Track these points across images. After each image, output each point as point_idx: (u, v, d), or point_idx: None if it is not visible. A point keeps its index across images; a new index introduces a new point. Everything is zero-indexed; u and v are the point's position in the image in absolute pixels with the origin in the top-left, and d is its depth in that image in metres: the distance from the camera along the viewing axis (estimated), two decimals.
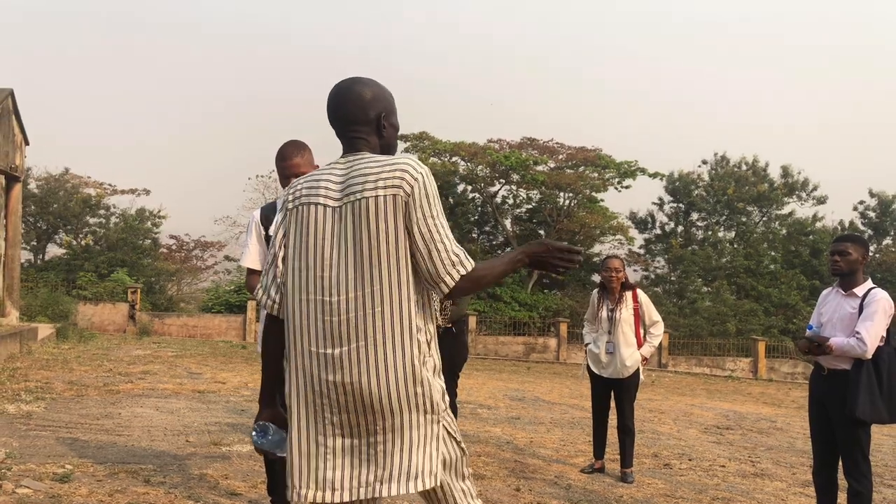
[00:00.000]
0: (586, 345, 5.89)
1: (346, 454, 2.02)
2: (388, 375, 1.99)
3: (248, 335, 21.97)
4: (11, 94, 14.56)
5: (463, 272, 2.03)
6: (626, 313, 5.67)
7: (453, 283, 2.03)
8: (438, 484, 2.06)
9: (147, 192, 28.83)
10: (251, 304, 22.06)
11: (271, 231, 3.78)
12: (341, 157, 2.16)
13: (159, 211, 28.46)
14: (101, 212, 28.03)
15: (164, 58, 72.17)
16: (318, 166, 3.72)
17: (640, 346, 5.68)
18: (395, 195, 1.99)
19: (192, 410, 7.25)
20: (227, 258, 30.23)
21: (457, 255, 2.04)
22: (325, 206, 2.05)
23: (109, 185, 28.54)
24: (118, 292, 22.73)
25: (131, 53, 71.79)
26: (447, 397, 2.13)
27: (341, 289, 2.01)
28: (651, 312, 5.78)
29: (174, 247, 30.42)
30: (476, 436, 7.03)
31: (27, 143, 15.97)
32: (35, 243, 27.20)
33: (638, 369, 5.70)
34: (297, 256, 2.08)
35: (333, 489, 2.01)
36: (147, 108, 67.06)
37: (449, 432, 2.11)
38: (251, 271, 3.78)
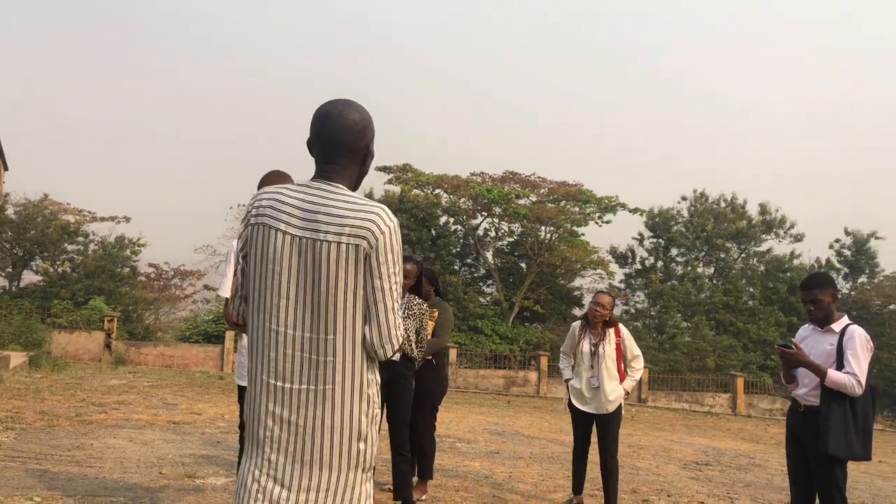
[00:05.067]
0: (567, 380, 5.82)
1: (276, 502, 1.96)
2: (334, 430, 1.95)
3: (225, 366, 21.68)
4: None
5: (401, 341, 2.03)
6: (609, 348, 5.61)
7: (392, 351, 2.01)
8: None
9: (127, 219, 28.63)
10: (229, 335, 21.82)
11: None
12: (312, 179, 2.05)
13: (139, 239, 28.23)
14: (80, 239, 27.72)
15: (147, 84, 72.25)
16: None
17: (622, 380, 5.66)
18: (357, 245, 1.92)
19: (166, 442, 7.12)
20: (206, 287, 29.97)
21: (401, 326, 2.03)
22: (285, 232, 1.95)
23: (89, 212, 28.30)
24: (94, 320, 22.38)
25: (113, 80, 71.83)
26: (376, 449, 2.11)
27: (296, 324, 1.95)
28: (632, 347, 5.74)
29: (153, 275, 30.09)
30: (454, 470, 6.96)
31: (6, 169, 15.84)
32: (10, 270, 26.78)
33: (621, 404, 5.67)
34: (256, 278, 2.00)
35: None
36: (129, 135, 66.93)
37: (370, 491, 2.09)
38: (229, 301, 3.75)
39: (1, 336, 17.01)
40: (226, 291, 3.75)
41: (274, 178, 3.69)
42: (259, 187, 3.68)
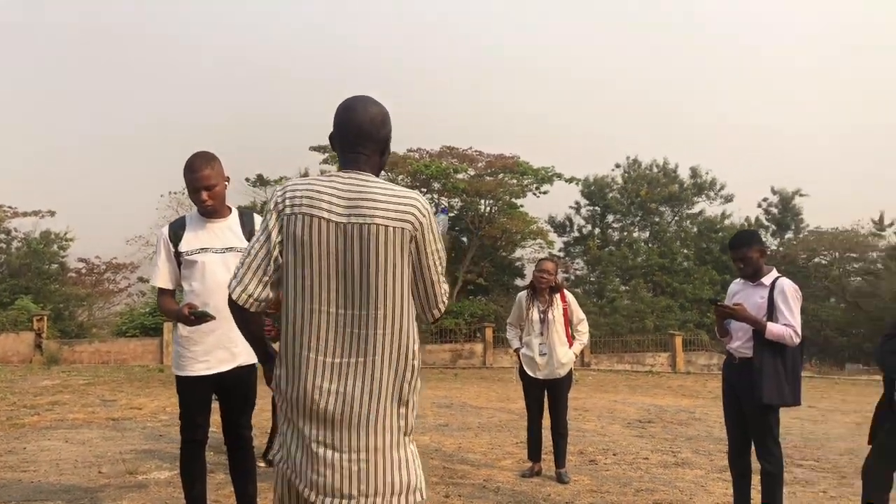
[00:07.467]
0: (516, 350, 5.86)
1: (328, 466, 2.08)
2: (381, 395, 2.09)
3: (165, 358, 21.13)
4: None
5: (446, 305, 2.25)
6: (557, 314, 5.71)
7: (440, 314, 2.23)
8: (425, 499, 2.17)
9: (52, 213, 27.45)
10: (167, 326, 21.25)
11: (192, 241, 3.62)
12: (342, 170, 2.20)
13: (66, 233, 27.14)
14: (2, 236, 26.50)
15: (67, 67, 69.00)
16: (228, 178, 3.63)
17: (570, 345, 5.74)
18: (403, 229, 2.09)
19: (105, 439, 6.91)
20: (140, 279, 29.05)
21: (446, 290, 2.25)
22: (328, 220, 2.09)
23: (10, 207, 27.02)
24: (22, 321, 21.51)
25: (32, 63, 68.35)
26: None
27: (339, 302, 2.08)
28: (577, 311, 5.85)
29: (84, 270, 29.03)
30: None
31: None
32: None
33: (571, 368, 5.77)
34: (301, 265, 2.10)
35: (324, 494, 2.08)
36: (51, 125, 63.85)
37: (416, 451, 2.22)
38: (162, 291, 3.62)
39: None
40: (157, 280, 3.61)
41: (198, 161, 3.54)
42: (185, 171, 3.53)
